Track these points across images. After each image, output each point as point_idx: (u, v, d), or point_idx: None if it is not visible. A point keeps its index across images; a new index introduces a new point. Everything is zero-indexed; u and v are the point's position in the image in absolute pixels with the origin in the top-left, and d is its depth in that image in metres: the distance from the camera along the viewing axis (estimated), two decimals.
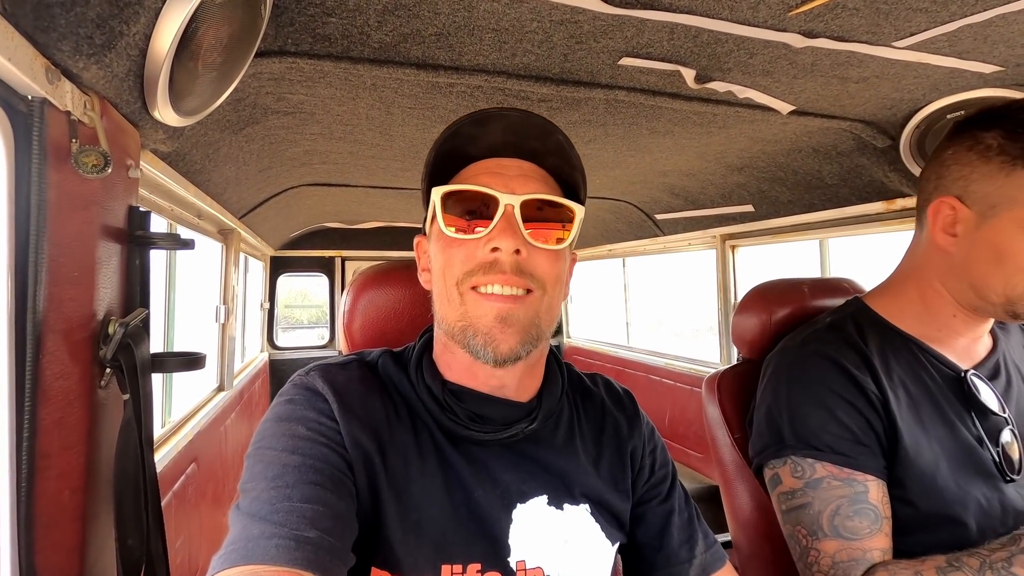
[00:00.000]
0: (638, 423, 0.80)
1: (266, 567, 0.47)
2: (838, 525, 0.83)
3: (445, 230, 0.65)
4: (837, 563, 0.82)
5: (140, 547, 0.77)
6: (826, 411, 0.88)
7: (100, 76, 0.63)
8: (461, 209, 0.65)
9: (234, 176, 1.68)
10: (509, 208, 0.63)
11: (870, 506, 0.83)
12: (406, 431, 0.66)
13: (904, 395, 0.89)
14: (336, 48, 0.98)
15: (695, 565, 0.74)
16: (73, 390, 0.67)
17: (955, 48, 0.98)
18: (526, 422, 0.69)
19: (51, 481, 0.65)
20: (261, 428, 0.63)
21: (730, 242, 2.73)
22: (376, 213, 3.42)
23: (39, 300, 0.62)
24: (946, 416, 0.88)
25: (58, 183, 0.63)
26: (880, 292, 1.01)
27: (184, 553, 1.70)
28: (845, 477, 0.84)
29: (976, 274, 0.85)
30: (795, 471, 0.89)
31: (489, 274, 0.62)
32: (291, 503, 0.53)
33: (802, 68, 1.07)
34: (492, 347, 0.62)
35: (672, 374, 3.31)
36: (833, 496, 0.84)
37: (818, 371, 0.91)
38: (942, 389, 0.90)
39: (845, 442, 0.86)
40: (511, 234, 0.62)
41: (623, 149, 1.75)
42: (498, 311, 0.62)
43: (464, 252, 0.64)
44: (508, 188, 0.64)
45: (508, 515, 0.65)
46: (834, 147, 1.58)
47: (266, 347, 4.27)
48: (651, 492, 0.77)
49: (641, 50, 1.00)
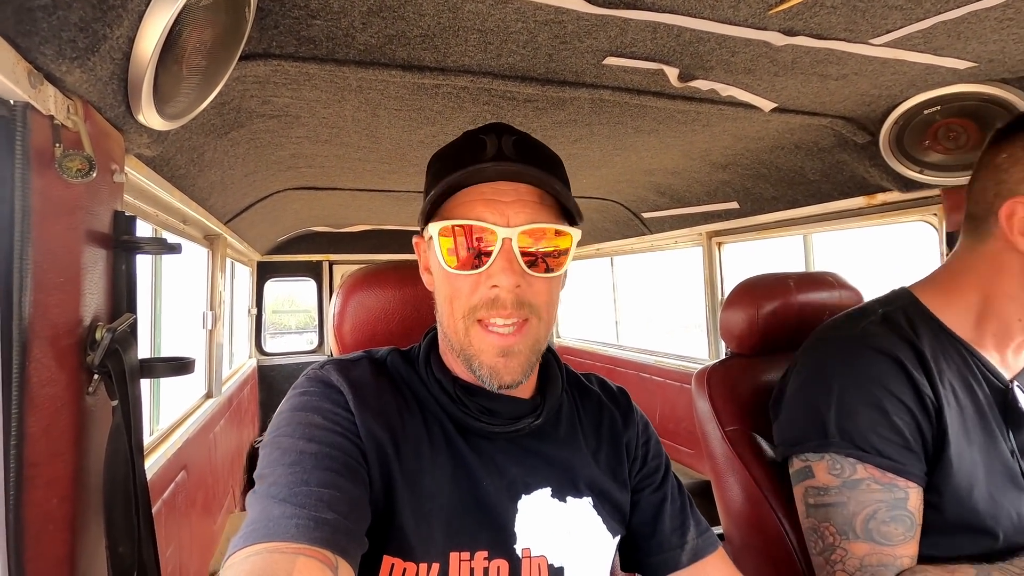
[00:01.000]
0: (632, 417, 0.82)
1: (287, 544, 0.48)
2: (872, 529, 0.82)
3: (446, 266, 0.65)
4: (865, 566, 0.82)
5: (132, 555, 0.76)
6: (879, 411, 0.84)
7: (83, 80, 0.63)
8: (457, 242, 0.65)
9: (219, 181, 1.67)
10: (507, 242, 0.63)
11: (907, 513, 0.82)
12: (418, 424, 0.68)
13: (954, 401, 0.86)
14: (321, 50, 0.98)
15: (686, 550, 0.75)
16: (60, 397, 0.67)
17: (930, 45, 1.00)
18: (531, 417, 0.71)
19: (40, 490, 0.64)
20: (277, 418, 0.64)
21: (716, 239, 2.76)
22: (363, 216, 3.41)
23: (24, 306, 0.61)
24: (989, 427, 0.86)
25: (42, 188, 0.62)
26: (933, 288, 0.95)
27: (175, 561, 1.68)
28: (887, 482, 0.83)
29: None
30: (832, 468, 0.86)
31: (492, 310, 0.64)
32: (309, 487, 0.54)
33: (783, 66, 1.09)
34: (496, 378, 0.65)
35: (662, 371, 3.34)
36: (871, 500, 0.83)
37: (875, 368, 0.87)
38: (988, 399, 0.87)
39: (894, 446, 0.83)
40: (510, 271, 0.63)
41: (609, 148, 1.76)
42: (500, 347, 0.65)
43: (467, 286, 0.66)
44: (504, 218, 0.64)
45: (514, 505, 0.68)
46: (815, 143, 1.61)
47: (254, 353, 4.23)
48: (644, 481, 0.79)
49: (625, 49, 1.01)
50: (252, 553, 0.48)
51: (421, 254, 0.77)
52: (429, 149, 1.72)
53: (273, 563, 0.46)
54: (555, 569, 0.67)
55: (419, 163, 1.91)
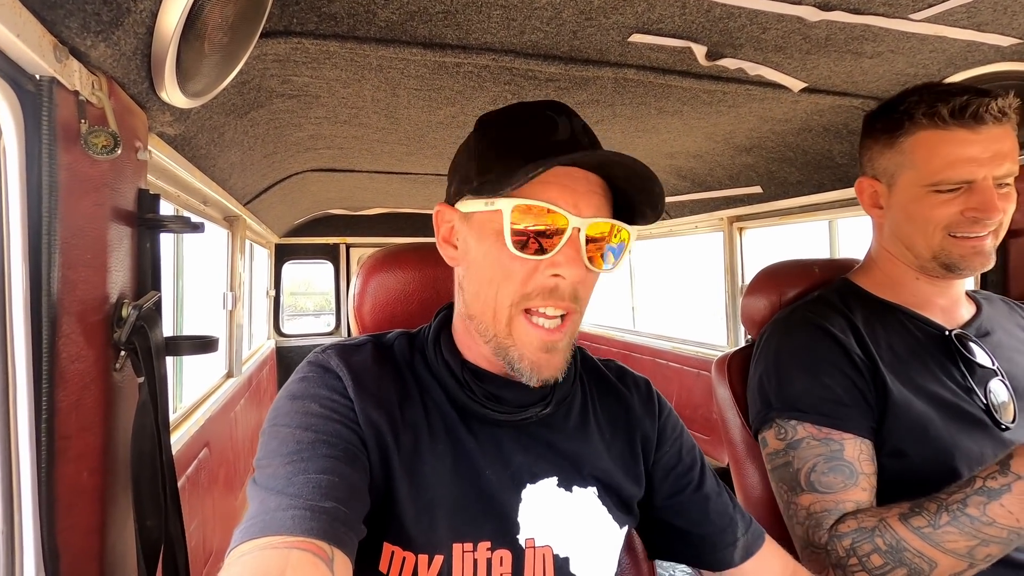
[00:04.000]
0: (652, 409, 0.79)
1: (281, 537, 0.48)
2: (814, 481, 0.88)
3: (511, 247, 0.61)
4: (812, 514, 0.87)
5: (159, 528, 0.78)
6: (810, 375, 0.93)
7: (108, 55, 0.62)
8: (527, 223, 0.61)
9: (239, 161, 1.67)
10: (576, 232, 0.60)
11: (844, 463, 0.87)
12: (418, 411, 0.67)
13: (889, 354, 0.94)
14: (342, 27, 0.97)
15: (739, 547, 0.74)
16: (89, 372, 0.68)
17: (974, 20, 0.95)
18: (540, 406, 0.69)
19: (70, 463, 0.65)
20: (276, 405, 0.63)
21: (737, 224, 2.71)
22: (380, 199, 3.41)
23: (53, 282, 0.61)
24: (933, 372, 0.93)
25: (68, 164, 0.62)
26: (860, 270, 1.09)
27: (198, 536, 1.72)
28: (823, 437, 0.89)
29: (903, 236, 0.96)
30: (779, 433, 0.94)
31: (548, 299, 0.62)
32: (306, 475, 0.54)
33: (815, 43, 1.05)
34: (536, 373, 0.63)
35: (679, 357, 3.32)
36: (811, 455, 0.89)
37: (804, 337, 0.97)
38: (927, 347, 0.95)
39: (827, 403, 0.90)
40: (577, 263, 0.61)
41: (631, 130, 1.73)
42: (544, 342, 0.62)
43: (523, 271, 0.62)
44: (576, 207, 0.61)
45: (518, 495, 0.66)
46: (845, 125, 1.56)
47: (272, 334, 4.29)
48: (683, 480, 0.76)
49: (652, 26, 0.98)
50: (247, 551, 0.48)
51: (442, 224, 0.71)
52: (448, 131, 1.70)
53: (267, 561, 0.46)
54: (560, 559, 0.66)
55: (438, 145, 1.90)
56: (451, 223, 0.70)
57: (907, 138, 0.91)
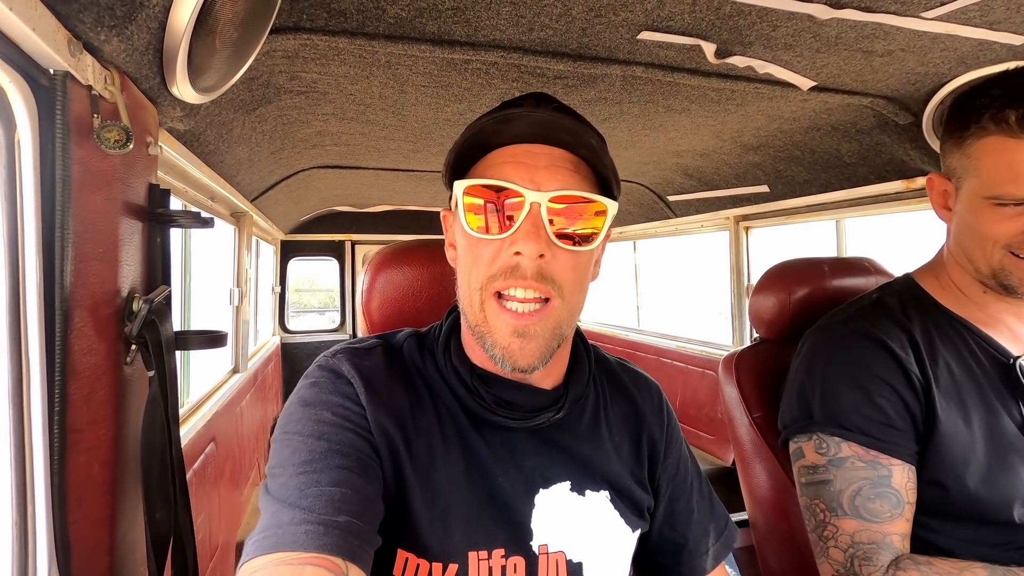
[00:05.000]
0: (661, 417, 0.78)
1: (295, 553, 0.48)
2: (859, 506, 0.83)
3: (468, 229, 0.62)
4: (857, 543, 0.83)
5: (168, 521, 0.78)
6: (862, 392, 0.86)
7: (121, 50, 0.63)
8: (484, 204, 0.61)
9: (247, 158, 1.67)
10: (535, 206, 0.59)
11: (892, 491, 0.83)
12: (430, 418, 0.66)
13: (947, 377, 0.86)
14: (351, 23, 0.97)
15: (710, 556, 0.76)
16: (100, 365, 0.68)
17: (986, 18, 0.95)
18: (553, 410, 0.68)
19: (81, 455, 0.66)
20: (287, 411, 0.62)
21: (744, 223, 2.70)
22: (386, 196, 3.41)
23: (66, 276, 0.62)
24: (990, 402, 0.85)
25: (81, 158, 0.63)
26: (928, 270, 0.97)
27: (204, 530, 1.73)
28: (870, 459, 0.84)
29: (964, 246, 0.87)
30: (819, 447, 0.89)
31: (511, 279, 0.60)
32: (319, 488, 0.53)
33: (825, 41, 1.05)
34: (510, 360, 0.61)
35: (684, 356, 3.31)
36: (856, 477, 0.84)
37: (859, 350, 0.89)
38: (988, 375, 0.87)
39: (876, 425, 0.85)
40: (535, 237, 0.59)
41: (638, 128, 1.72)
42: (515, 327, 0.60)
43: (488, 253, 0.61)
44: (535, 182, 0.60)
45: (531, 500, 0.65)
46: (854, 124, 1.55)
47: (278, 331, 4.30)
48: (679, 491, 0.77)
49: (661, 23, 0.98)
50: (260, 567, 0.47)
51: (447, 228, 0.73)
52: (455, 128, 1.70)
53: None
54: (574, 565, 0.65)
55: (445, 142, 1.90)
56: (450, 226, 0.72)
57: (974, 141, 0.81)
